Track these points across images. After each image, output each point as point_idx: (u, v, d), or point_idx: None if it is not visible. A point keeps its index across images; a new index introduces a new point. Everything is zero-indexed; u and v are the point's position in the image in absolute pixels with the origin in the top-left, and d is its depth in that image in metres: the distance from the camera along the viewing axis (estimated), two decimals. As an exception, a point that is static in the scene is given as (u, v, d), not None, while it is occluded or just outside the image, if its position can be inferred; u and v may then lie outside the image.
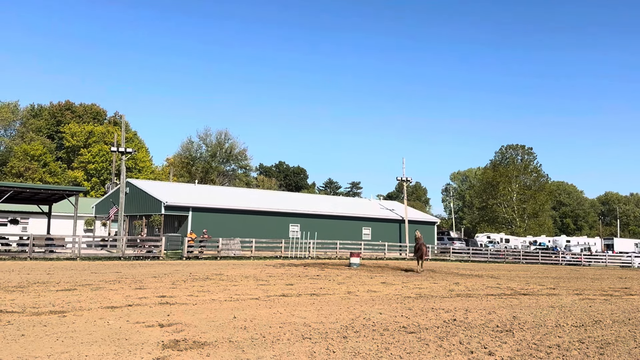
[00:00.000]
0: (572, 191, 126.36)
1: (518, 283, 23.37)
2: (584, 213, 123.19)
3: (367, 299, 14.88)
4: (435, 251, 51.46)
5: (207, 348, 7.99)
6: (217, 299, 13.88)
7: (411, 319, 11.45)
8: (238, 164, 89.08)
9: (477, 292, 18.17)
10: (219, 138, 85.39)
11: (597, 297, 18.07)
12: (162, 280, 18.71)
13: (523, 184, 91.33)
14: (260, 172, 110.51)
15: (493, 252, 53.49)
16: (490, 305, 14.41)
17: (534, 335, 9.99)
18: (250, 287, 17.07)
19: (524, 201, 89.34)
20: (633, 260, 55.86)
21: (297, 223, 47.87)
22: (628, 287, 23.22)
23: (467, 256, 50.64)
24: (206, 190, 53.15)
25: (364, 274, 24.79)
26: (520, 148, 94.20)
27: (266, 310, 12.07)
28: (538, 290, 20.20)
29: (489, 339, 9.46)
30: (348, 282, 20.36)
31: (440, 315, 12.09)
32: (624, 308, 14.81)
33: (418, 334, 9.63)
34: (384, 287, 18.91)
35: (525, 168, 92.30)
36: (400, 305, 13.67)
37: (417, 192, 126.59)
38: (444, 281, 22.54)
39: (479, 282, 22.77)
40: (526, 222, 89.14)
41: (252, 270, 24.74)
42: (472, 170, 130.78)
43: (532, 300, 16.17)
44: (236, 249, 37.74)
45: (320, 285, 18.43)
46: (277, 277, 21.31)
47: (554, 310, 13.75)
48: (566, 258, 54.20)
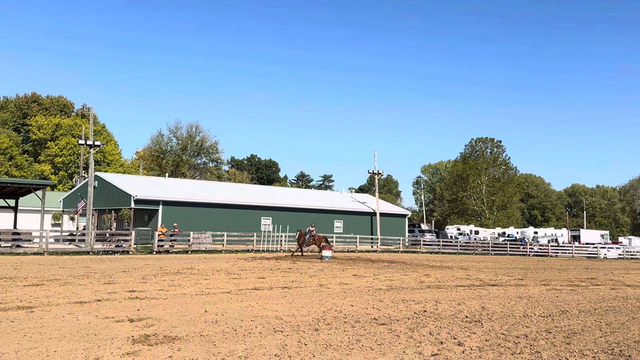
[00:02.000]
0: (539, 183, 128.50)
1: (487, 274, 23.73)
2: (551, 205, 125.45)
3: (338, 292, 14.96)
4: (407, 243, 51.91)
5: (178, 342, 7.96)
6: (188, 293, 13.81)
7: (382, 310, 11.56)
8: (209, 157, 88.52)
9: (447, 284, 18.41)
10: (190, 131, 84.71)
11: (564, 287, 18.45)
12: (131, 274, 18.52)
13: (492, 176, 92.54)
14: (232, 165, 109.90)
15: (463, 244, 54.18)
16: (459, 296, 14.62)
17: (502, 325, 10.16)
18: (222, 281, 17.02)
19: (493, 193, 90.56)
20: (599, 251, 57.13)
21: (269, 216, 47.81)
22: (594, 278, 23.75)
23: (437, 248, 51.20)
24: (177, 183, 52.71)
25: (335, 267, 24.90)
26: (489, 141, 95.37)
27: (238, 303, 12.06)
28: (506, 281, 20.54)
29: (459, 329, 9.61)
30: (320, 275, 20.43)
31: (410, 307, 12.22)
32: (590, 298, 15.14)
33: (389, 326, 9.73)
34: (355, 279, 19.03)
35: (495, 161, 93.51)
36: (371, 297, 13.78)
37: (389, 185, 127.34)
38: (414, 273, 22.77)
39: (449, 274, 23.05)
40: (495, 214, 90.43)
41: (223, 264, 24.65)
42: (443, 163, 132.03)
43: (500, 291, 16.44)
44: (207, 243, 37.53)
45: (292, 279, 18.46)
46: (248, 271, 21.27)
47: (522, 301, 14.00)
48: (534, 249, 55.19)
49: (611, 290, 17.87)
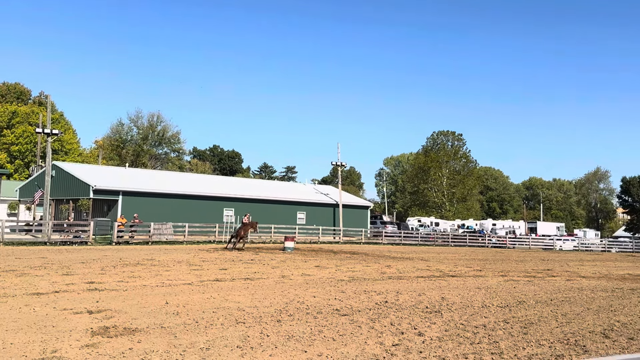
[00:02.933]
0: (498, 176, 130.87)
1: (447, 265, 24.10)
2: (510, 197, 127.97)
3: (301, 283, 14.99)
4: (369, 235, 52.30)
5: (138, 334, 7.87)
6: (149, 284, 13.65)
7: (344, 301, 11.63)
8: (171, 147, 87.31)
9: (408, 275, 18.63)
10: (151, 120, 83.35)
11: (521, 278, 18.87)
12: (90, 266, 18.20)
13: (453, 169, 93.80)
14: (194, 155, 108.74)
15: (423, 236, 54.90)
16: (420, 287, 14.82)
17: (462, 315, 10.35)
18: (183, 272, 16.87)
19: (453, 186, 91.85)
20: (555, 243, 58.64)
21: (232, 207, 47.54)
22: (550, 269, 24.34)
23: (398, 239, 51.75)
24: (137, 173, 51.89)
25: (298, 258, 24.93)
26: (450, 134, 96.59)
27: (199, 295, 11.97)
28: (465, 272, 20.90)
29: (419, 319, 9.74)
30: (282, 266, 20.43)
31: (372, 298, 12.33)
32: (546, 289, 15.52)
33: (351, 316, 9.80)
34: (317, 270, 19.09)
35: (455, 154, 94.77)
36: (333, 289, 13.85)
37: (352, 177, 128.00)
38: (376, 264, 22.97)
39: (410, 265, 23.33)
40: (455, 206, 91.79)
41: (184, 255, 24.42)
42: (405, 155, 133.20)
43: (459, 282, 16.73)
44: (168, 234, 37.12)
45: (254, 270, 18.41)
46: (210, 262, 21.13)
47: (481, 292, 14.27)
48: (492, 241, 56.30)
49: (566, 281, 18.35)
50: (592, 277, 20.26)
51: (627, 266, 29.22)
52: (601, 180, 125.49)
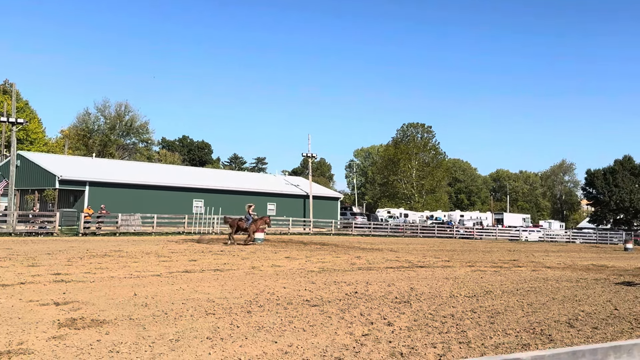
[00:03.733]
0: (466, 168, 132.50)
1: (415, 256, 24.35)
2: (477, 189, 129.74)
3: (271, 274, 14.98)
4: (339, 226, 52.50)
5: (106, 326, 7.77)
6: (116, 276, 13.49)
7: (314, 292, 11.67)
8: (139, 137, 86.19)
9: (378, 265, 18.77)
10: (119, 110, 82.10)
11: (488, 268, 19.15)
12: (56, 257, 17.90)
13: (422, 161, 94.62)
14: (163, 146, 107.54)
15: (393, 227, 55.35)
16: (389, 278, 14.94)
17: (430, 305, 10.47)
18: (152, 264, 16.70)
19: (422, 177, 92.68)
20: (521, 234, 59.71)
21: (201, 198, 47.23)
22: (516, 260, 24.77)
23: (368, 230, 52.09)
24: (104, 164, 51.14)
25: (268, 249, 24.91)
26: (420, 126, 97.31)
27: (168, 286, 11.88)
28: (434, 262, 21.14)
29: (388, 310, 9.82)
30: (252, 257, 20.39)
31: (342, 288, 12.39)
32: (512, 279, 15.78)
33: (321, 307, 9.84)
34: (288, 261, 19.11)
35: (425, 146, 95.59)
36: (303, 279, 13.88)
37: (322, 168, 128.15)
38: (346, 255, 23.08)
39: (380, 256, 23.51)
40: (424, 198, 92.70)
41: (153, 247, 24.19)
42: (375, 147, 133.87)
43: (428, 272, 16.92)
44: (136, 225, 36.71)
45: (224, 261, 18.33)
46: (179, 253, 20.97)
47: (449, 282, 14.45)
48: (460, 232, 57.08)
49: (532, 271, 18.68)
50: (557, 268, 20.67)
51: (591, 257, 29.91)
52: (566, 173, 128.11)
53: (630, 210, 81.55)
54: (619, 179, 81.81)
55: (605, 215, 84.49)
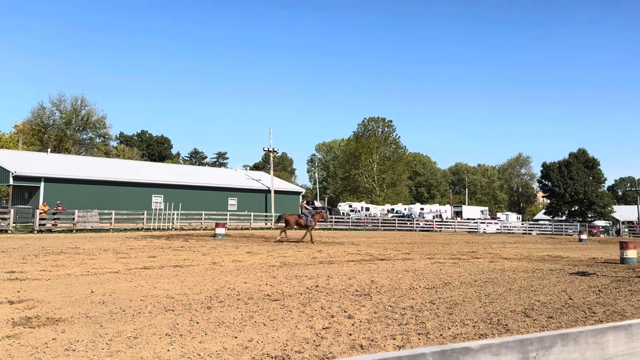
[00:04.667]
0: (426, 162, 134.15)
1: (376, 249, 24.54)
2: (437, 182, 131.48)
3: (232, 269, 14.89)
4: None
5: (62, 324, 7.61)
6: (73, 273, 13.20)
7: (275, 287, 11.65)
8: (96, 132, 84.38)
9: (339, 259, 18.85)
10: (75, 104, 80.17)
11: (446, 260, 19.43)
12: (10, 255, 17.42)
13: (383, 155, 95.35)
14: (121, 141, 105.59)
15: (354, 220, 55.69)
16: (350, 271, 15.02)
17: (390, 297, 10.57)
18: (109, 261, 16.41)
19: (383, 171, 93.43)
20: (479, 226, 60.78)
21: (161, 194, 46.61)
22: (474, 251, 25.20)
23: (330, 225, 52.25)
24: (60, 159, 49.98)
25: (229, 244, 24.75)
26: (381, 120, 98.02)
27: (126, 283, 11.69)
28: (394, 255, 21.35)
29: (349, 303, 9.88)
30: (213, 252, 20.23)
31: (303, 282, 12.40)
32: (470, 270, 16.05)
33: (282, 301, 9.83)
34: (249, 256, 19.02)
35: (385, 140, 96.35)
36: (265, 274, 13.84)
37: (284, 163, 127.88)
38: (307, 249, 23.10)
39: (341, 249, 23.61)
40: (385, 191, 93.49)
41: (111, 243, 23.77)
42: (337, 141, 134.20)
43: (388, 265, 17.07)
44: (94, 222, 36.01)
45: (184, 257, 18.14)
46: (138, 250, 20.65)
47: (409, 274, 14.61)
48: (420, 225, 57.76)
49: (490, 262, 19.03)
50: (514, 259, 21.10)
51: (546, 248, 30.64)
52: (522, 166, 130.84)
53: (585, 202, 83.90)
54: (574, 172, 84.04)
55: (560, 207, 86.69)
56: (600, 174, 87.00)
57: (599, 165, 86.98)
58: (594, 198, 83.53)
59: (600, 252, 26.78)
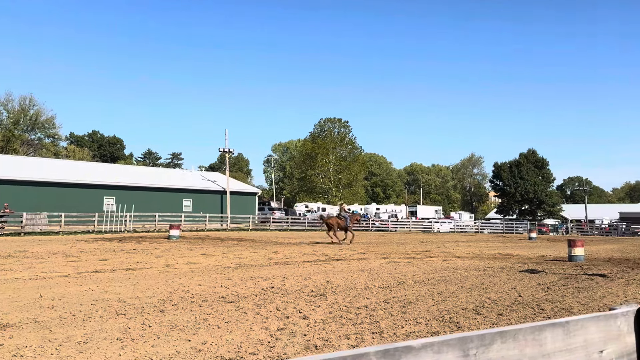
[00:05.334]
0: (382, 162, 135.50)
1: (332, 249, 24.63)
2: (392, 183, 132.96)
3: (186, 271, 14.73)
4: (256, 221, 52.29)
5: (10, 330, 7.39)
6: (21, 277, 12.83)
7: (230, 288, 11.58)
8: (45, 132, 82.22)
9: (295, 260, 18.85)
10: (23, 104, 77.91)
11: (401, 260, 19.66)
12: (-47, 260, 16.80)
13: (339, 155, 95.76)
14: (71, 141, 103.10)
15: (310, 221, 55.75)
16: (306, 272, 15.05)
17: (345, 297, 10.63)
18: (59, 264, 16.01)
19: (339, 172, 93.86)
20: (433, 225, 61.69)
21: (113, 195, 45.69)
22: (428, 250, 25.56)
23: (286, 225, 52.21)
24: (7, 160, 48.44)
25: (183, 246, 24.47)
26: (337, 121, 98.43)
27: (76, 287, 11.43)
28: (350, 255, 21.47)
29: (304, 303, 9.90)
30: (167, 255, 19.96)
31: (258, 284, 12.37)
32: (424, 269, 16.28)
33: (237, 303, 9.78)
34: (204, 258, 18.84)
35: (342, 140, 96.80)
36: (220, 276, 13.74)
37: (240, 164, 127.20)
38: (263, 250, 23.03)
39: (297, 250, 23.62)
40: (341, 192, 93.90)
41: (61, 246, 23.18)
42: (293, 142, 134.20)
43: (344, 265, 17.16)
44: (43, 224, 35.06)
45: (136, 260, 17.84)
46: (89, 253, 20.21)
47: (364, 274, 14.73)
48: (375, 225, 58.26)
49: (443, 261, 19.35)
50: (466, 257, 21.50)
51: (497, 246, 31.33)
52: (475, 166, 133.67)
53: (534, 201, 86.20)
54: (524, 172, 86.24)
55: (511, 206, 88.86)
56: (549, 173, 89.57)
57: (548, 165, 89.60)
58: (544, 197, 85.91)
59: (549, 250, 27.54)
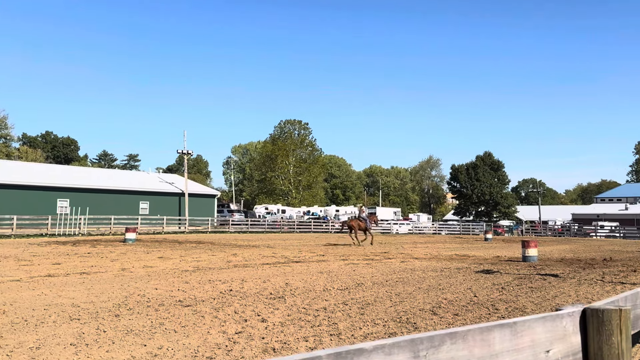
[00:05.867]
0: (342, 164, 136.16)
1: (292, 251, 24.63)
2: (352, 184, 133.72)
3: (142, 275, 14.50)
4: (215, 224, 51.88)
5: (-44, 339, 7.15)
6: (-31, 283, 12.42)
7: (188, 292, 11.46)
8: (-4, 132, 79.82)
9: (254, 262, 18.77)
10: (-28, 103, 75.55)
11: (360, 261, 19.77)
12: None
13: (299, 157, 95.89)
14: (24, 142, 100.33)
15: (270, 223, 55.64)
16: (265, 274, 15.00)
17: (304, 299, 10.64)
18: (11, 268, 15.56)
19: (299, 174, 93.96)
20: (392, 227, 62.28)
21: (67, 198, 44.66)
22: (387, 252, 25.78)
23: (246, 227, 51.97)
24: (-45, 161, 46.85)
25: (140, 250, 24.09)
26: (297, 123, 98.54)
27: (29, 292, 11.13)
28: (309, 257, 21.50)
29: (263, 306, 9.87)
30: (122, 258, 19.61)
31: (217, 287, 12.27)
32: (382, 271, 16.41)
33: (194, 307, 9.68)
34: (161, 261, 18.59)
35: (302, 142, 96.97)
36: (177, 280, 13.58)
37: (198, 165, 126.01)
38: (222, 253, 22.87)
39: (256, 252, 23.53)
40: (301, 194, 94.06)
41: (12, 250, 22.54)
42: (253, 143, 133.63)
43: (303, 267, 17.18)
44: (-6, 227, 34.02)
45: (91, 263, 17.48)
46: (42, 257, 19.71)
47: (323, 276, 14.77)
48: (335, 226, 58.46)
49: (401, 263, 19.54)
50: (424, 258, 21.77)
51: (454, 247, 31.83)
52: (433, 168, 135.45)
53: (490, 203, 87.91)
54: (480, 174, 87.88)
55: (468, 208, 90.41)
56: (504, 175, 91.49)
57: (504, 167, 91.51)
58: (499, 199, 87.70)
59: (504, 251, 28.13)
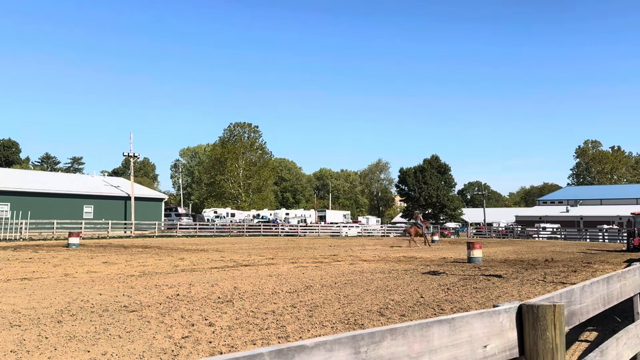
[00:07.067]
0: (292, 167, 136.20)
1: (241, 255, 24.48)
2: (302, 188, 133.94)
3: (86, 280, 14.15)
4: (163, 228, 51.06)
5: None
6: None
7: (133, 297, 11.24)
8: None
9: (202, 266, 18.57)
10: None
11: (309, 264, 19.83)
12: None
13: (249, 160, 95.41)
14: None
15: (219, 227, 55.17)
16: (213, 278, 14.87)
17: (252, 303, 10.60)
18: (-55, 276, 14.92)
19: (249, 177, 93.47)
20: (341, 229, 62.68)
21: (7, 202, 43.14)
22: (336, 254, 25.92)
23: (194, 231, 51.37)
24: None
25: (84, 255, 23.49)
26: (247, 126, 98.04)
27: (-35, 300, 10.70)
28: (258, 260, 21.42)
29: (211, 310, 9.78)
30: (65, 263, 19.08)
31: (163, 292, 12.09)
32: (331, 273, 16.50)
33: (140, 312, 9.51)
34: (105, 266, 18.17)
35: (252, 145, 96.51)
36: (122, 285, 13.31)
37: (145, 168, 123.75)
38: (169, 257, 22.53)
39: (204, 256, 23.28)
40: (251, 197, 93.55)
41: (-52, 257, 21.61)
42: (202, 146, 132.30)
43: (252, 271, 17.10)
44: None
45: (32, 269, 16.93)
46: (-20, 263, 18.97)
47: (272, 279, 14.75)
48: (285, 229, 58.44)
49: (350, 265, 19.69)
50: (372, 261, 22.00)
51: (402, 249, 32.25)
52: (382, 171, 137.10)
53: (437, 205, 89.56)
54: (428, 177, 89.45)
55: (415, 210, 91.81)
56: (451, 178, 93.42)
57: (450, 170, 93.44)
58: (446, 201, 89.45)
59: (450, 252, 28.68)
